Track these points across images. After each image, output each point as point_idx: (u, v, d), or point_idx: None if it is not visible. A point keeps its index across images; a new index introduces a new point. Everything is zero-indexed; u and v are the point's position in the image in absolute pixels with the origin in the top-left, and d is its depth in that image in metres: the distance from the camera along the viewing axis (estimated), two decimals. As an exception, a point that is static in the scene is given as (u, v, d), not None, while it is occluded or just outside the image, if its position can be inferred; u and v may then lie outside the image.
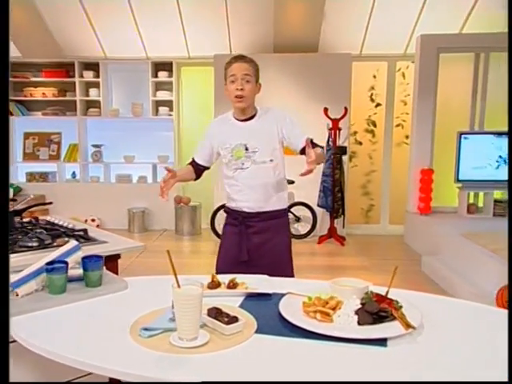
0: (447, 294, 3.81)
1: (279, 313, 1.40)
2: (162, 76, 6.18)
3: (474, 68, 5.77)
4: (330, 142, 5.66)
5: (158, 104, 6.28)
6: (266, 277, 1.75)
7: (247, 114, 2.29)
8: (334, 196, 5.59)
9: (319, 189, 5.68)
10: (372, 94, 6.39)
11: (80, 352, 1.21)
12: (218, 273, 1.94)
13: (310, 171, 2.02)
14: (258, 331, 1.31)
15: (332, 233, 5.74)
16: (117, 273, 2.03)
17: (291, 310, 1.38)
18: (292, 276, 2.33)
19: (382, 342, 1.21)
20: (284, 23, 5.64)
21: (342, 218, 5.78)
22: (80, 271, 1.69)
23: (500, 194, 5.69)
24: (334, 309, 1.33)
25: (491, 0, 5.41)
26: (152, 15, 5.61)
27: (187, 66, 6.38)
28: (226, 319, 1.30)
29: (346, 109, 5.72)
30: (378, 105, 6.37)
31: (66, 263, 1.61)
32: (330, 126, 5.68)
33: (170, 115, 6.27)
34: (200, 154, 2.42)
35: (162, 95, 6.22)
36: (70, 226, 2.32)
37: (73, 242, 1.76)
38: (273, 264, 2.25)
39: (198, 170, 2.44)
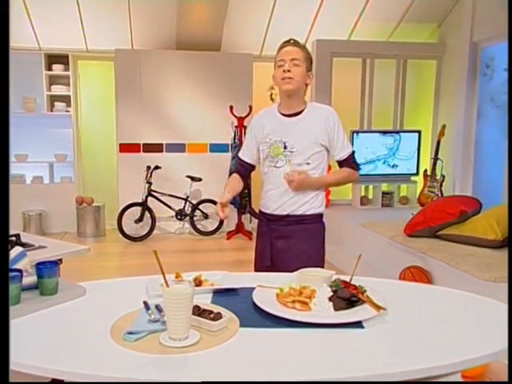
0: (353, 280, 4.17)
1: (255, 306, 1.47)
2: (57, 69, 5.79)
3: (361, 72, 6.31)
4: (235, 140, 5.80)
5: (54, 99, 5.87)
6: (226, 272, 1.81)
7: (294, 109, 2.12)
8: (241, 192, 5.73)
9: (227, 186, 5.79)
10: (272, 94, 6.64)
11: (64, 363, 1.17)
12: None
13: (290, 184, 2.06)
14: (241, 325, 1.36)
15: (240, 228, 5.89)
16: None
17: (268, 302, 1.46)
18: None
19: (358, 324, 1.35)
20: (187, 21, 5.63)
21: (248, 213, 5.96)
22: (29, 279, 1.59)
23: (386, 186, 6.32)
24: (309, 297, 1.44)
25: (375, 12, 5.96)
26: (45, 2, 5.22)
27: (85, 59, 6.05)
28: (211, 316, 1.34)
29: (250, 107, 5.90)
30: (277, 104, 6.64)
31: (20, 271, 1.51)
32: (236, 123, 5.82)
33: (68, 111, 5.90)
34: (245, 150, 2.25)
35: (58, 90, 5.83)
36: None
37: (18, 249, 1.65)
38: None
39: (245, 170, 2.27)
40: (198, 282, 1.66)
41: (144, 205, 5.64)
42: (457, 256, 3.62)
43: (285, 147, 2.10)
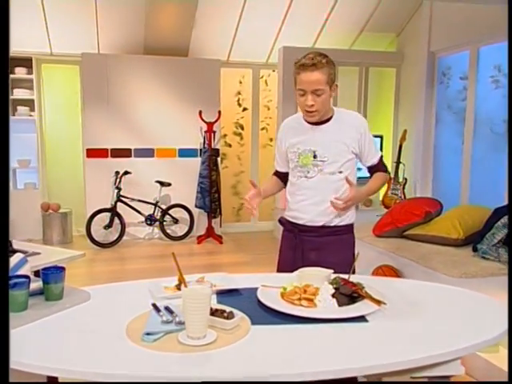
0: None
1: (260, 304, 1.54)
2: (20, 72, 5.62)
3: (326, 79, 6.49)
4: (205, 145, 5.84)
5: (16, 103, 5.69)
6: (225, 274, 1.87)
7: (321, 118, 2.04)
8: (211, 197, 5.78)
9: (196, 190, 5.82)
10: (239, 99, 6.74)
11: (88, 364, 1.20)
12: None
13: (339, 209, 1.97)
14: (252, 323, 1.42)
15: (210, 232, 5.92)
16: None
17: (274, 301, 1.54)
18: None
19: (362, 318, 1.45)
20: (155, 26, 5.63)
21: (219, 217, 6.00)
22: (33, 285, 1.59)
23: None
24: (313, 295, 1.53)
25: (338, 21, 6.17)
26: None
27: (49, 63, 5.90)
28: (224, 315, 1.40)
29: (219, 112, 5.95)
30: (244, 109, 6.74)
31: (28, 277, 1.51)
32: (205, 129, 5.85)
33: (31, 116, 5.74)
34: (278, 161, 2.23)
35: (21, 94, 5.66)
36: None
37: (18, 255, 1.65)
38: None
39: (283, 178, 2.24)
40: (202, 284, 1.71)
41: (113, 210, 5.57)
42: (424, 254, 3.81)
43: (314, 156, 2.02)
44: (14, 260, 1.60)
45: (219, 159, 6.06)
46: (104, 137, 5.75)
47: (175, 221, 5.92)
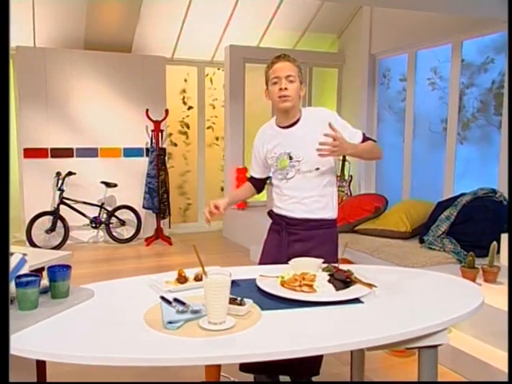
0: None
1: (260, 293, 1.59)
2: None
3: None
4: (152, 144, 5.71)
5: None
6: (218, 267, 1.85)
7: (291, 119, 2.14)
8: (159, 197, 5.66)
9: (144, 190, 5.67)
10: (184, 97, 6.66)
11: (120, 352, 1.21)
12: None
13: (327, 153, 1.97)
14: (262, 309, 1.46)
15: (159, 234, 5.79)
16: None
17: (276, 288, 1.59)
18: None
19: (357, 300, 1.54)
20: (97, 19, 5.42)
21: (167, 218, 5.87)
22: None
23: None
24: (311, 281, 1.58)
25: (282, 21, 6.29)
26: None
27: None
28: (237, 302, 1.42)
29: (166, 111, 5.84)
30: (190, 108, 6.67)
31: (38, 276, 1.48)
32: (152, 127, 5.72)
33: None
34: (254, 167, 2.34)
35: None
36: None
37: (18, 255, 1.59)
38: None
39: (259, 183, 2.37)
40: (201, 278, 1.70)
41: (56, 213, 5.28)
42: (377, 247, 3.99)
43: (290, 158, 2.12)
44: (14, 260, 1.55)
45: (166, 158, 5.94)
46: (43, 136, 5.43)
47: (122, 223, 5.72)
